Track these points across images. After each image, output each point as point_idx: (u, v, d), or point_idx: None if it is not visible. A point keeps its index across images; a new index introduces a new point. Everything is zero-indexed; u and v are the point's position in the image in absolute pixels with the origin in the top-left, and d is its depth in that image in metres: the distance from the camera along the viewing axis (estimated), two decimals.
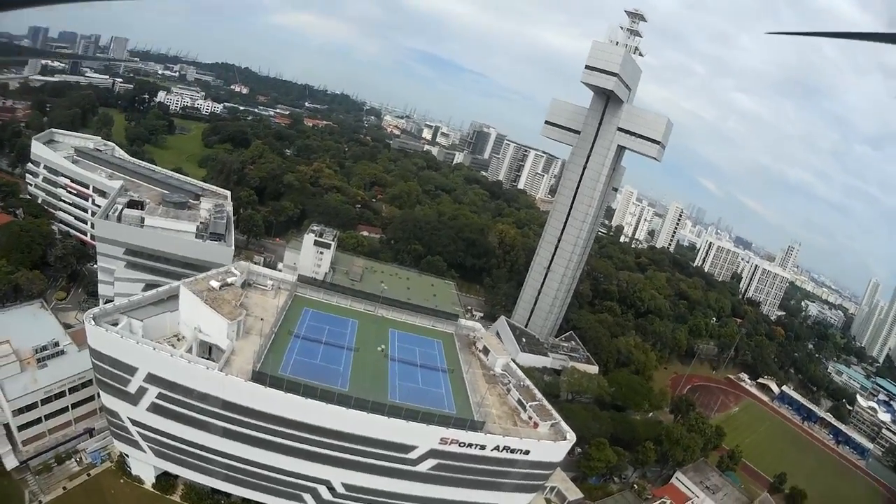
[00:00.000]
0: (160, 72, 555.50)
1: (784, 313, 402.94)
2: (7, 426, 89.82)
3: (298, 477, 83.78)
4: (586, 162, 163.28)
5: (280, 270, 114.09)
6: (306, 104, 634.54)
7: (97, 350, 78.72)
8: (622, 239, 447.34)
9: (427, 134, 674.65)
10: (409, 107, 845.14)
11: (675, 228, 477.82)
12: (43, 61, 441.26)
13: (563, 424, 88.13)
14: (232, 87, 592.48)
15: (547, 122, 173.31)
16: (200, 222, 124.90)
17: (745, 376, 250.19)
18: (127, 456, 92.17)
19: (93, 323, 77.07)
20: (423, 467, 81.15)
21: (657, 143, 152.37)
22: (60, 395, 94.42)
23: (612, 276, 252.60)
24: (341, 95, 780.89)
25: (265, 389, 73.92)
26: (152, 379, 77.25)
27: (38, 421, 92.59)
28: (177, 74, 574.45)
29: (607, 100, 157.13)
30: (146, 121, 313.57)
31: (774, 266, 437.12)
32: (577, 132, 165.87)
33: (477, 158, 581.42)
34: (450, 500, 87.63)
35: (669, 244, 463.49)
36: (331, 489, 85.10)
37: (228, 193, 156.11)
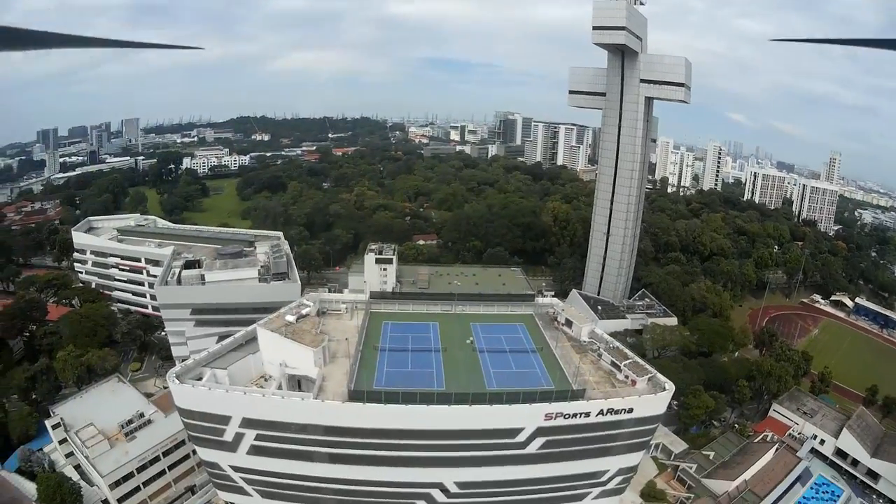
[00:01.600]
0: (178, 141, 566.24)
1: (841, 227, 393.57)
2: (106, 502, 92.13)
3: (410, 486, 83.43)
4: (619, 120, 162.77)
5: None
6: (329, 135, 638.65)
7: (186, 408, 78.95)
8: (669, 189, 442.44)
9: (455, 135, 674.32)
10: (430, 114, 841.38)
11: (718, 168, 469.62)
12: (60, 159, 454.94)
13: (660, 376, 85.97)
14: (253, 137, 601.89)
15: (571, 92, 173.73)
16: (261, 266, 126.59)
17: (818, 297, 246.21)
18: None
19: (177, 382, 77.27)
20: (533, 448, 79.79)
21: (681, 85, 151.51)
22: (155, 460, 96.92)
23: (670, 227, 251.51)
24: (361, 119, 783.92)
25: (364, 406, 73.57)
26: (248, 423, 77.38)
27: (137, 489, 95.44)
28: (195, 139, 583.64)
29: (622, 55, 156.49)
30: (178, 189, 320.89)
31: (821, 182, 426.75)
32: (603, 94, 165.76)
33: (510, 146, 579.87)
34: (562, 476, 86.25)
35: (716, 184, 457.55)
36: (444, 490, 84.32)
37: (281, 234, 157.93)
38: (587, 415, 77.92)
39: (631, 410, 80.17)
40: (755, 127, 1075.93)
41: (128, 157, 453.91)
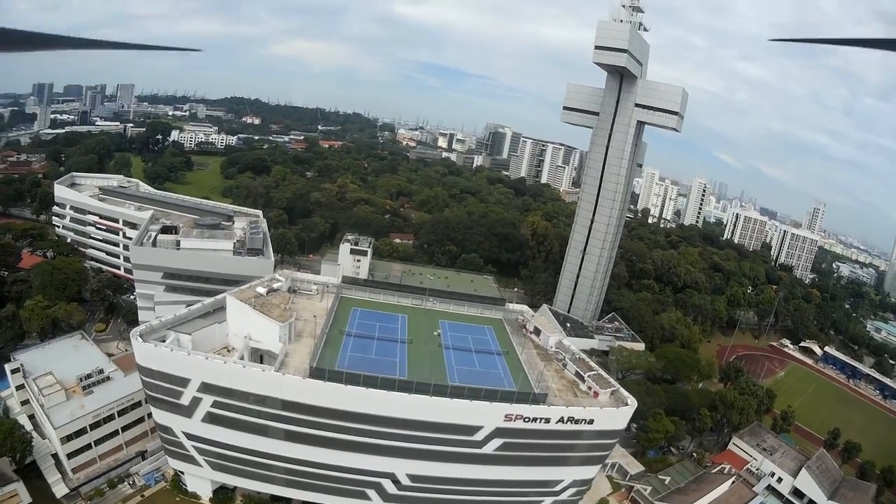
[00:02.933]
0: (170, 113, 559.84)
1: (816, 276, 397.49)
2: (56, 456, 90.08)
3: (363, 473, 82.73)
4: (608, 141, 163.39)
5: None
6: (319, 127, 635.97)
7: (146, 367, 78.30)
8: (650, 220, 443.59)
9: (442, 142, 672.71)
10: (420, 118, 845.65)
11: (701, 205, 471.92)
12: (52, 115, 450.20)
13: (623, 391, 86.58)
14: (244, 119, 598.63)
15: (565, 108, 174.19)
16: (237, 240, 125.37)
17: (787, 342, 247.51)
18: (182, 473, 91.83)
19: (140, 340, 76.65)
20: (489, 448, 79.73)
21: (675, 113, 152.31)
22: (109, 418, 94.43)
23: (646, 255, 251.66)
24: (353, 115, 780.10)
25: (325, 384, 73.15)
26: (206, 388, 76.66)
27: (88, 447, 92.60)
28: (187, 114, 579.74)
29: (621, 78, 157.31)
30: (163, 160, 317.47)
31: (802, 230, 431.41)
32: (596, 113, 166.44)
33: (496, 159, 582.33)
34: (517, 481, 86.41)
35: (697, 221, 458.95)
36: (396, 482, 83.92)
37: (260, 213, 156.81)
38: (547, 420, 77.98)
39: (592, 422, 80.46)
40: (741, 168, 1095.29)
41: (118, 123, 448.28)
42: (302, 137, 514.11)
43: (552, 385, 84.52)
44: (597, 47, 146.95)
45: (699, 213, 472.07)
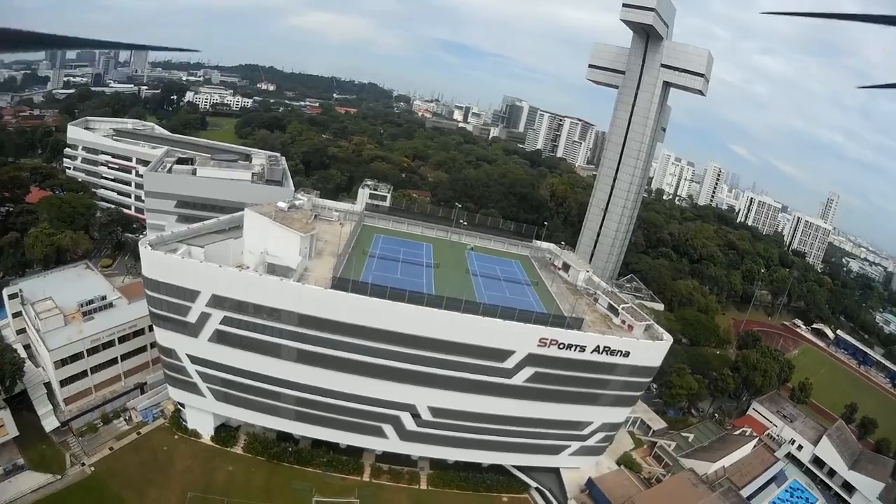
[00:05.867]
0: (184, 78, 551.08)
1: (827, 266, 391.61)
2: (48, 385, 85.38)
3: (380, 404, 77.68)
4: (634, 100, 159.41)
5: None
6: (335, 95, 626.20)
7: (153, 279, 72.94)
8: (665, 198, 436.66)
9: (458, 115, 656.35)
10: (436, 93, 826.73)
11: (714, 190, 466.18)
12: (65, 77, 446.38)
13: (657, 327, 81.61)
14: (258, 85, 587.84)
15: (591, 66, 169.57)
16: (255, 172, 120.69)
17: (799, 322, 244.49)
18: (182, 408, 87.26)
19: (149, 248, 71.54)
20: (520, 378, 74.70)
21: (700, 75, 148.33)
22: (109, 345, 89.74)
23: (663, 226, 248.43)
24: (369, 85, 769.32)
25: (347, 296, 68.08)
26: (217, 302, 71.48)
27: (84, 374, 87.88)
28: (201, 79, 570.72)
29: (647, 38, 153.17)
30: (178, 116, 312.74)
31: (815, 219, 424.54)
32: (622, 72, 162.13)
33: (512, 132, 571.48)
34: (544, 420, 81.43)
35: (711, 203, 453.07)
36: (415, 415, 78.84)
37: (279, 153, 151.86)
38: (582, 349, 72.97)
39: (627, 354, 75.57)
40: (755, 161, 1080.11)
41: (132, 85, 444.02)
42: (317, 104, 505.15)
43: (585, 318, 79.45)
44: (624, 4, 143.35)
45: (712, 198, 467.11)
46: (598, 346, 73.47)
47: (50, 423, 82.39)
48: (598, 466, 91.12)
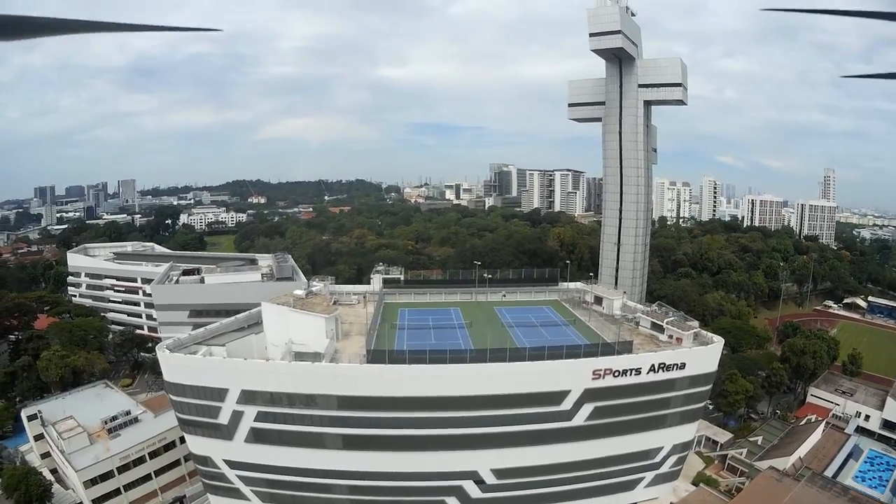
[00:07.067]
0: (175, 203, 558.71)
1: (841, 243, 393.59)
2: None
3: (439, 477, 72.80)
4: (620, 127, 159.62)
5: None
6: (326, 197, 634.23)
7: (176, 383, 69.66)
8: (668, 223, 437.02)
9: (450, 194, 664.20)
10: (423, 177, 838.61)
11: (714, 203, 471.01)
12: (57, 213, 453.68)
13: (704, 332, 79.50)
14: (250, 199, 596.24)
15: (570, 105, 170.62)
16: (263, 273, 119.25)
17: (830, 302, 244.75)
18: None
19: (167, 352, 68.58)
20: (580, 418, 70.25)
21: (678, 85, 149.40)
22: (140, 461, 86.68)
23: (676, 248, 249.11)
24: (357, 182, 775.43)
25: (385, 368, 64.67)
26: (247, 397, 67.84)
27: (117, 493, 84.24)
28: (192, 201, 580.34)
29: (620, 63, 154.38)
30: (175, 239, 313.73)
31: (819, 200, 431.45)
32: (602, 103, 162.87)
33: (507, 198, 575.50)
34: (613, 457, 76.27)
35: (713, 215, 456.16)
36: (478, 482, 73.64)
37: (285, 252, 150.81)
38: (638, 371, 69.31)
39: (683, 366, 72.11)
40: (744, 167, 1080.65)
41: (125, 214, 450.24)
42: (311, 208, 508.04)
43: (632, 340, 75.81)
44: (591, 34, 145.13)
45: (713, 211, 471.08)
46: (654, 365, 69.92)
47: None
48: (676, 492, 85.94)
